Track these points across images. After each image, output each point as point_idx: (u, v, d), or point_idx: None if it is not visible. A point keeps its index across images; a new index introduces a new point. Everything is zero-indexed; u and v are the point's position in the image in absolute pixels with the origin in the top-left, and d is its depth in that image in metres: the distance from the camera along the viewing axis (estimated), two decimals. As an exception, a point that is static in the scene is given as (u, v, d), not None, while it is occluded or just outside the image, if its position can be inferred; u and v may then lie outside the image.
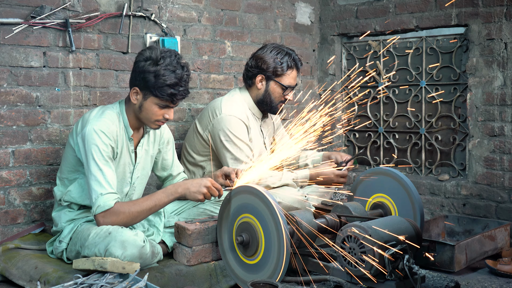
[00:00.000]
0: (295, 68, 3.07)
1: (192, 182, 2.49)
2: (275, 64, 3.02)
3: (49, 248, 2.59)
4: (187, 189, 2.47)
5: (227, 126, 2.96)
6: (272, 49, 3.05)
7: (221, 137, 2.97)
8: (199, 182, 2.48)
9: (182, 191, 2.48)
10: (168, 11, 3.35)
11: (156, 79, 2.42)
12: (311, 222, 2.39)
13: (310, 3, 4.20)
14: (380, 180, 2.80)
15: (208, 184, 2.47)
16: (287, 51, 3.06)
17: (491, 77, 3.39)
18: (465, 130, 3.58)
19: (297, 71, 3.10)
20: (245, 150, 2.97)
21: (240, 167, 2.89)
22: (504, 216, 3.34)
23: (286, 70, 3.04)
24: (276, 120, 3.38)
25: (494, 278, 2.74)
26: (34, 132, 2.84)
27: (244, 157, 2.96)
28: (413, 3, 3.74)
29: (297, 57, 3.08)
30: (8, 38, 2.71)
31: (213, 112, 3.02)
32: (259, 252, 2.32)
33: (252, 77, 3.08)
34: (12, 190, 2.78)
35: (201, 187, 2.46)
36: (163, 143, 2.79)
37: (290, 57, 3.05)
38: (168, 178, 2.88)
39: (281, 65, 3.02)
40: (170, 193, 2.49)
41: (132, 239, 2.30)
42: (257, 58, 3.06)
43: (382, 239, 2.11)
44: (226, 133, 2.96)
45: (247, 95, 3.12)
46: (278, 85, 3.05)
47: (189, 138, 3.16)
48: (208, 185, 2.47)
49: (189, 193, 2.47)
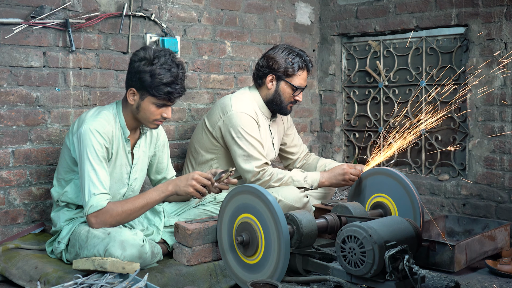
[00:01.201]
0: (305, 69, 3.07)
1: (180, 177, 2.53)
2: (286, 65, 3.02)
3: (48, 248, 2.59)
4: (177, 185, 2.49)
5: (238, 123, 2.95)
6: (283, 49, 3.06)
7: (233, 133, 2.96)
8: (186, 176, 2.50)
9: (172, 188, 2.49)
10: (168, 11, 3.35)
11: (152, 79, 2.42)
12: (311, 222, 2.39)
13: (310, 3, 4.20)
14: (380, 180, 2.80)
15: (195, 176, 2.48)
16: (298, 52, 3.06)
17: (491, 77, 3.39)
18: (465, 130, 3.58)
19: (307, 72, 3.10)
20: (257, 147, 2.96)
21: (252, 164, 2.89)
22: (504, 216, 3.33)
23: (297, 70, 3.04)
24: (287, 120, 3.37)
25: (494, 278, 2.74)
26: (34, 132, 2.84)
27: (256, 153, 2.94)
28: (413, 3, 3.74)
29: (308, 58, 3.09)
30: (8, 38, 2.71)
31: (223, 109, 3.02)
32: (259, 252, 2.32)
33: (262, 77, 3.08)
34: (12, 190, 2.78)
35: (189, 180, 2.48)
36: (159, 146, 2.79)
37: (301, 58, 3.05)
38: (161, 182, 2.87)
39: (292, 65, 3.02)
40: (161, 190, 2.50)
41: (132, 239, 2.30)
42: (268, 58, 3.06)
43: (382, 239, 2.11)
44: (237, 129, 2.95)
45: (257, 94, 3.12)
46: (288, 86, 3.05)
47: (197, 135, 3.15)
48: (196, 177, 2.48)
49: (179, 188, 2.49)
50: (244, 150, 2.94)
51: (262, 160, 2.93)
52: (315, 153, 4.25)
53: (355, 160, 4.15)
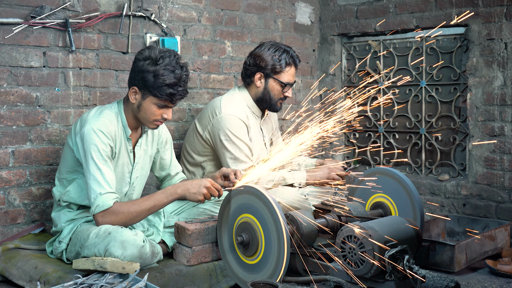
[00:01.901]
0: (293, 65, 3.08)
1: (192, 182, 2.49)
2: (273, 62, 3.03)
3: (48, 248, 2.59)
4: (187, 190, 2.47)
5: (226, 126, 2.96)
6: (270, 46, 3.06)
7: (221, 136, 2.97)
8: (198, 183, 2.48)
9: (182, 192, 2.48)
10: (168, 11, 3.35)
11: (155, 79, 2.42)
12: (311, 222, 2.38)
13: (310, 3, 4.20)
14: (380, 180, 2.80)
15: (207, 185, 2.47)
16: (284, 48, 3.06)
17: (491, 77, 3.39)
18: (465, 130, 3.58)
19: (295, 68, 3.11)
20: (244, 150, 2.98)
21: (239, 167, 2.89)
22: (504, 216, 3.33)
23: (285, 67, 3.04)
24: (274, 120, 3.38)
25: (494, 278, 2.74)
26: (34, 132, 2.84)
27: (243, 156, 2.96)
28: (413, 3, 3.74)
29: (295, 54, 3.09)
30: (8, 38, 2.71)
31: (212, 111, 3.02)
32: (259, 252, 2.32)
33: (250, 75, 3.08)
34: (12, 190, 2.78)
35: (201, 188, 2.46)
36: (161, 142, 2.79)
37: (288, 54, 3.05)
38: (166, 178, 2.88)
39: (279, 62, 3.03)
40: (170, 193, 2.48)
41: (132, 239, 2.29)
42: (255, 56, 3.07)
43: (382, 239, 2.11)
44: (226, 132, 2.96)
45: (246, 94, 3.12)
46: (277, 83, 3.06)
47: (188, 138, 3.16)
48: (208, 186, 2.47)
49: (189, 194, 2.47)
50: (231, 153, 2.95)
51: (248, 163, 2.95)
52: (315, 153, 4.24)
53: (355, 161, 4.15)
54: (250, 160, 2.98)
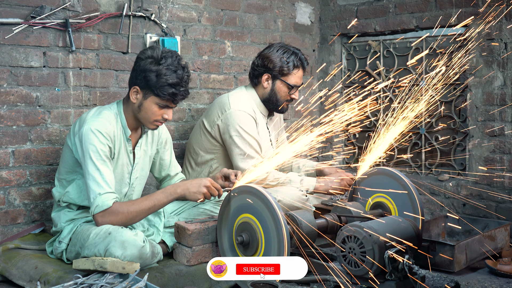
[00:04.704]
0: (301, 67, 3.08)
1: (192, 182, 2.49)
2: (281, 64, 3.03)
3: (48, 248, 2.59)
4: (187, 189, 2.47)
5: (236, 121, 2.96)
6: (278, 48, 3.06)
7: (231, 132, 2.97)
8: (198, 182, 2.48)
9: (182, 191, 2.48)
10: (168, 11, 3.35)
11: (157, 78, 2.42)
12: (311, 222, 2.39)
13: (310, 3, 4.20)
14: (380, 180, 2.80)
15: (207, 184, 2.47)
16: (293, 51, 3.07)
17: (491, 77, 3.39)
18: (465, 130, 3.58)
19: (303, 71, 3.11)
20: (254, 145, 2.97)
21: (248, 163, 2.89)
22: (504, 216, 3.33)
23: (293, 69, 3.05)
24: (280, 119, 3.38)
25: (494, 278, 2.74)
26: (34, 132, 2.84)
27: (253, 152, 2.95)
28: (413, 3, 3.74)
29: (303, 57, 3.09)
30: (8, 38, 2.71)
31: (221, 107, 3.02)
32: (259, 252, 2.32)
33: (258, 76, 3.09)
34: (12, 190, 2.78)
35: (200, 187, 2.46)
36: (161, 143, 2.79)
37: (296, 57, 3.06)
38: (166, 179, 2.88)
39: (287, 64, 3.03)
40: (170, 193, 2.48)
41: (132, 239, 2.29)
42: (263, 57, 3.07)
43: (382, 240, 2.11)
44: (236, 128, 2.96)
45: (253, 93, 3.13)
46: (284, 84, 3.06)
47: (195, 136, 3.15)
48: (208, 185, 2.47)
49: (189, 193, 2.47)
50: (241, 149, 2.95)
51: (258, 158, 2.93)
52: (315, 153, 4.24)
53: (355, 160, 4.15)
54: (260, 155, 2.97)
